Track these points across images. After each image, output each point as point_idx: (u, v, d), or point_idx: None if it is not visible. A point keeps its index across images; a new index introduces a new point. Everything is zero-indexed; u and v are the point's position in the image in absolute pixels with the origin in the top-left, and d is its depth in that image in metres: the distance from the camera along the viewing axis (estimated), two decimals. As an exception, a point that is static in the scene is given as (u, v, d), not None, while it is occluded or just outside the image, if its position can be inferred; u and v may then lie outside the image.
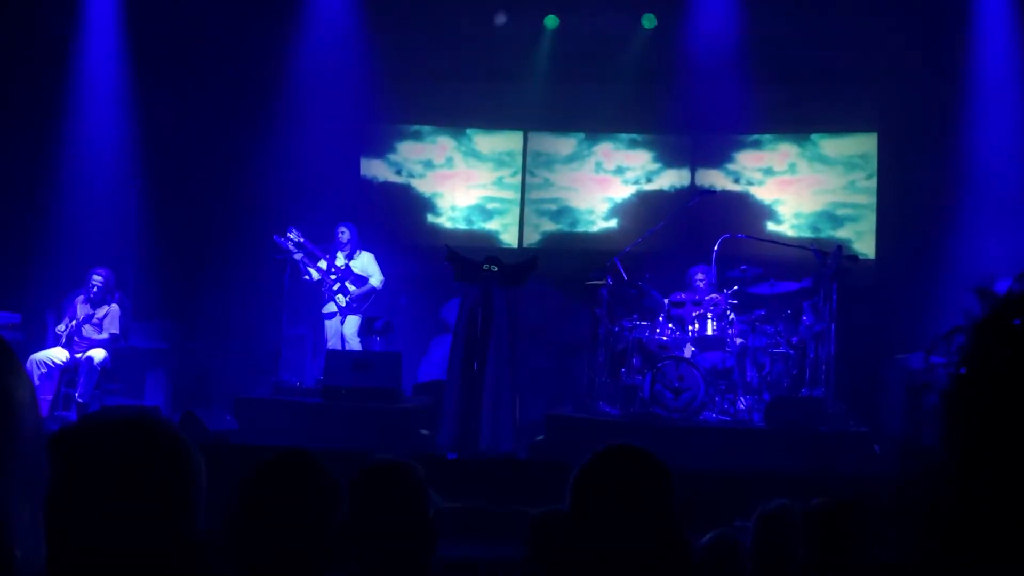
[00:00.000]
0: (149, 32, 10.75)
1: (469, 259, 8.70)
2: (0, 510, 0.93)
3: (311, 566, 2.10)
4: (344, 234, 10.00)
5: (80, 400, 9.01)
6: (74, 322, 9.26)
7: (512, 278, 8.66)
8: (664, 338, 8.97)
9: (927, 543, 0.77)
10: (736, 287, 9.06)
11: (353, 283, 9.94)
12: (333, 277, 9.92)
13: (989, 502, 0.74)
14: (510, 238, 12.10)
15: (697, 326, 9.03)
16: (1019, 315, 0.77)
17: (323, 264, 9.90)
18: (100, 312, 9.37)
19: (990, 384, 0.76)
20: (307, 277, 9.89)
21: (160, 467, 1.42)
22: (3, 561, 0.92)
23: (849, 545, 2.77)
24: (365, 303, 10.02)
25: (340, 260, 9.96)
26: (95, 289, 9.33)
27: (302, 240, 9.79)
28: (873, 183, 11.48)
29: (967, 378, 0.78)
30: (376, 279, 10.03)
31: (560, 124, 12.07)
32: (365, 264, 10.06)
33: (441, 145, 12.23)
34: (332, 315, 10.00)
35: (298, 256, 9.77)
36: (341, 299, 9.93)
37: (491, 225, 12.14)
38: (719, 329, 8.96)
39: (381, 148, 12.27)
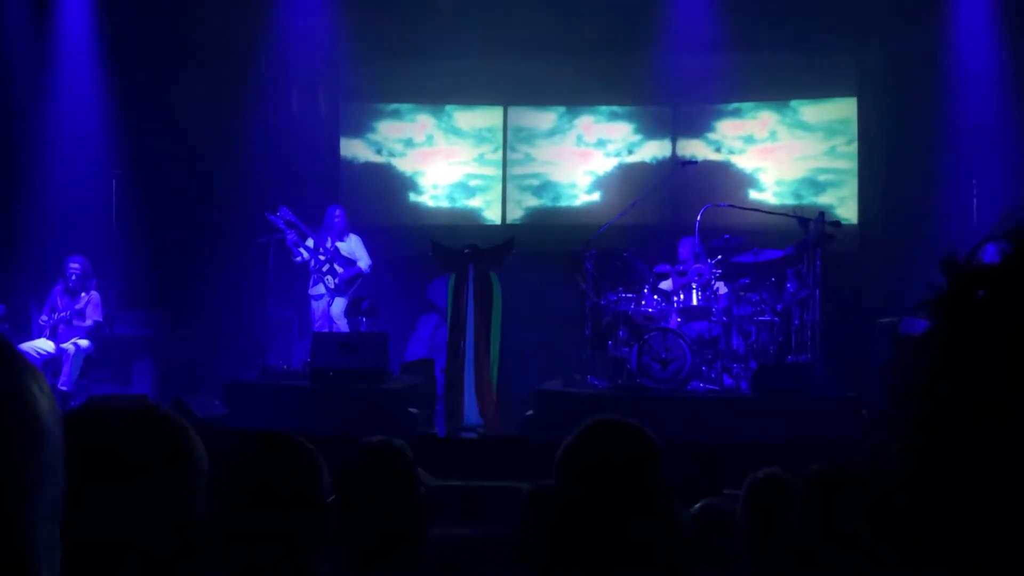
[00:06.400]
0: (125, 18, 10.67)
1: (450, 248, 9.13)
2: (25, 531, 0.88)
3: (302, 548, 2.10)
4: (338, 216, 9.97)
5: (64, 389, 9.00)
6: (62, 313, 9.27)
7: (490, 260, 8.91)
8: (650, 310, 8.98)
9: (891, 519, 0.76)
10: (720, 256, 9.08)
11: (341, 265, 9.92)
12: (322, 258, 9.89)
13: (945, 484, 0.73)
14: (493, 215, 12.07)
15: (682, 296, 9.05)
16: (983, 287, 0.75)
17: (311, 243, 9.87)
18: (81, 301, 9.37)
19: (953, 361, 0.74)
20: (298, 259, 9.85)
21: (163, 454, 1.43)
22: None
23: (845, 513, 2.78)
24: (352, 285, 10.00)
25: (328, 242, 9.93)
26: (73, 277, 9.36)
27: (292, 219, 9.77)
28: (854, 148, 11.48)
29: (930, 355, 0.76)
30: (364, 262, 10.00)
31: (540, 98, 12.01)
32: (353, 247, 10.03)
33: (421, 123, 12.17)
34: (320, 296, 9.98)
35: (290, 236, 9.74)
36: (330, 280, 9.91)
37: (473, 202, 12.11)
38: (704, 299, 8.98)
39: (360, 128, 12.20)
